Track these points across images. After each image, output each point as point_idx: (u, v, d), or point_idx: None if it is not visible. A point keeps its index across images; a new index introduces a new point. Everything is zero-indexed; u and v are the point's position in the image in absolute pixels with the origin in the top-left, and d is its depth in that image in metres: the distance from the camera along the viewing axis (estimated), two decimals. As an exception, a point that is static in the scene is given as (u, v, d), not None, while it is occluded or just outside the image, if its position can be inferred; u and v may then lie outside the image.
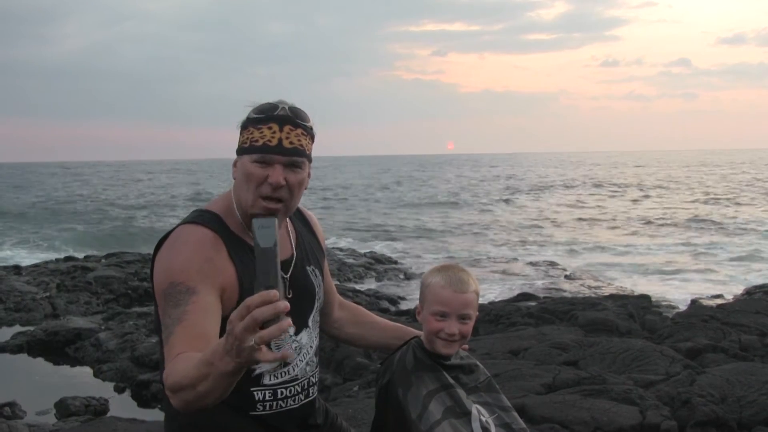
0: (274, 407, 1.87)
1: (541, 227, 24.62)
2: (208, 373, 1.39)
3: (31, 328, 8.55)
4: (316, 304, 2.02)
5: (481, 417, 1.91)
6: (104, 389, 6.64)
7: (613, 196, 38.56)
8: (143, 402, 6.34)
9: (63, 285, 11.50)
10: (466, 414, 1.90)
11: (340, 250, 16.89)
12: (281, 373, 1.87)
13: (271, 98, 1.86)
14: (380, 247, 19.44)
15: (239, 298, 1.76)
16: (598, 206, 32.48)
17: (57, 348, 7.91)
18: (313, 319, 2.00)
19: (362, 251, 17.01)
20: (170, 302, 1.69)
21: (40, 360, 7.69)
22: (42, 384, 6.94)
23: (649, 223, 24.98)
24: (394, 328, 2.25)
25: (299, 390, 1.93)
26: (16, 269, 13.14)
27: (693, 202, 33.52)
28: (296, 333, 1.91)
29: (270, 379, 1.86)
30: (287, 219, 2.01)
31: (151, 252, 1.87)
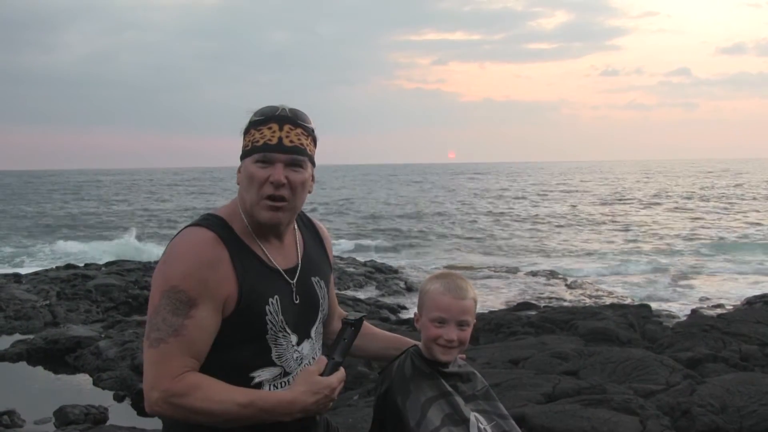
0: None
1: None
2: (252, 416, 1.72)
3: (31, 336, 8.54)
4: (320, 316, 2.01)
5: (480, 424, 1.91)
6: (104, 397, 6.62)
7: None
8: (143, 410, 6.28)
9: (63, 293, 11.49)
10: (465, 421, 1.90)
11: (341, 258, 16.87)
12: (281, 383, 1.86)
13: (273, 104, 1.87)
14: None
15: (237, 302, 1.79)
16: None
17: (57, 356, 7.89)
18: (316, 331, 1.99)
19: (363, 260, 17.00)
20: (168, 306, 1.72)
21: (39, 368, 7.67)
22: (41, 392, 6.92)
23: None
24: (392, 339, 2.25)
25: None
26: (16, 277, 13.14)
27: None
28: (298, 343, 1.91)
29: (270, 389, 1.85)
30: (295, 228, 2.01)
31: (150, 261, 1.90)
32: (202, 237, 1.80)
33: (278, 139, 1.81)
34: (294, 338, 1.89)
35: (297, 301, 1.91)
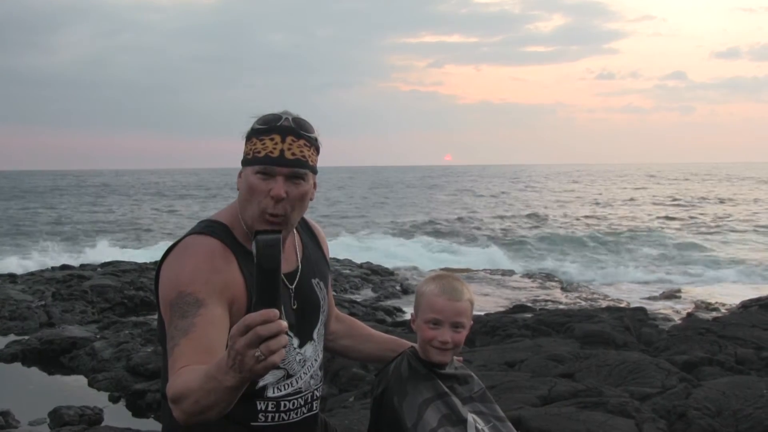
0: (276, 419, 1.85)
1: None
2: (212, 387, 1.38)
3: (26, 337, 8.51)
4: (321, 318, 2.00)
5: (477, 425, 1.91)
6: (99, 399, 6.59)
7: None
8: (138, 412, 6.30)
9: (59, 293, 11.45)
10: (462, 422, 1.90)
11: (337, 260, 16.86)
12: (285, 386, 1.86)
13: (271, 108, 1.85)
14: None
15: (247, 310, 1.74)
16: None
17: (52, 357, 7.86)
18: (318, 333, 1.98)
19: (359, 262, 16.98)
20: (177, 313, 1.67)
21: (34, 369, 7.65)
22: (36, 393, 6.89)
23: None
24: (389, 341, 2.25)
25: (302, 403, 1.91)
26: (12, 277, 13.10)
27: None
28: (301, 346, 1.90)
29: (273, 392, 1.84)
30: (294, 231, 1.99)
31: (147, 262, 1.87)
32: (210, 245, 1.78)
33: (280, 152, 1.76)
34: (296, 341, 1.88)
35: (294, 306, 1.89)
